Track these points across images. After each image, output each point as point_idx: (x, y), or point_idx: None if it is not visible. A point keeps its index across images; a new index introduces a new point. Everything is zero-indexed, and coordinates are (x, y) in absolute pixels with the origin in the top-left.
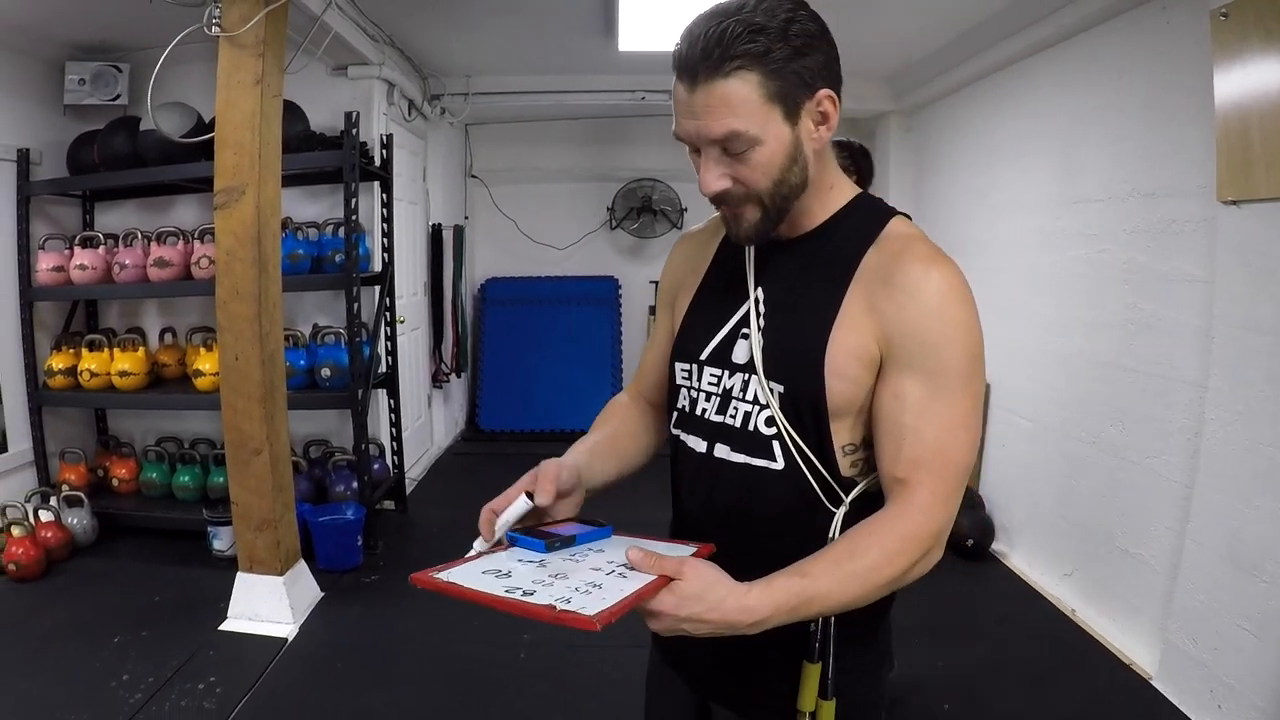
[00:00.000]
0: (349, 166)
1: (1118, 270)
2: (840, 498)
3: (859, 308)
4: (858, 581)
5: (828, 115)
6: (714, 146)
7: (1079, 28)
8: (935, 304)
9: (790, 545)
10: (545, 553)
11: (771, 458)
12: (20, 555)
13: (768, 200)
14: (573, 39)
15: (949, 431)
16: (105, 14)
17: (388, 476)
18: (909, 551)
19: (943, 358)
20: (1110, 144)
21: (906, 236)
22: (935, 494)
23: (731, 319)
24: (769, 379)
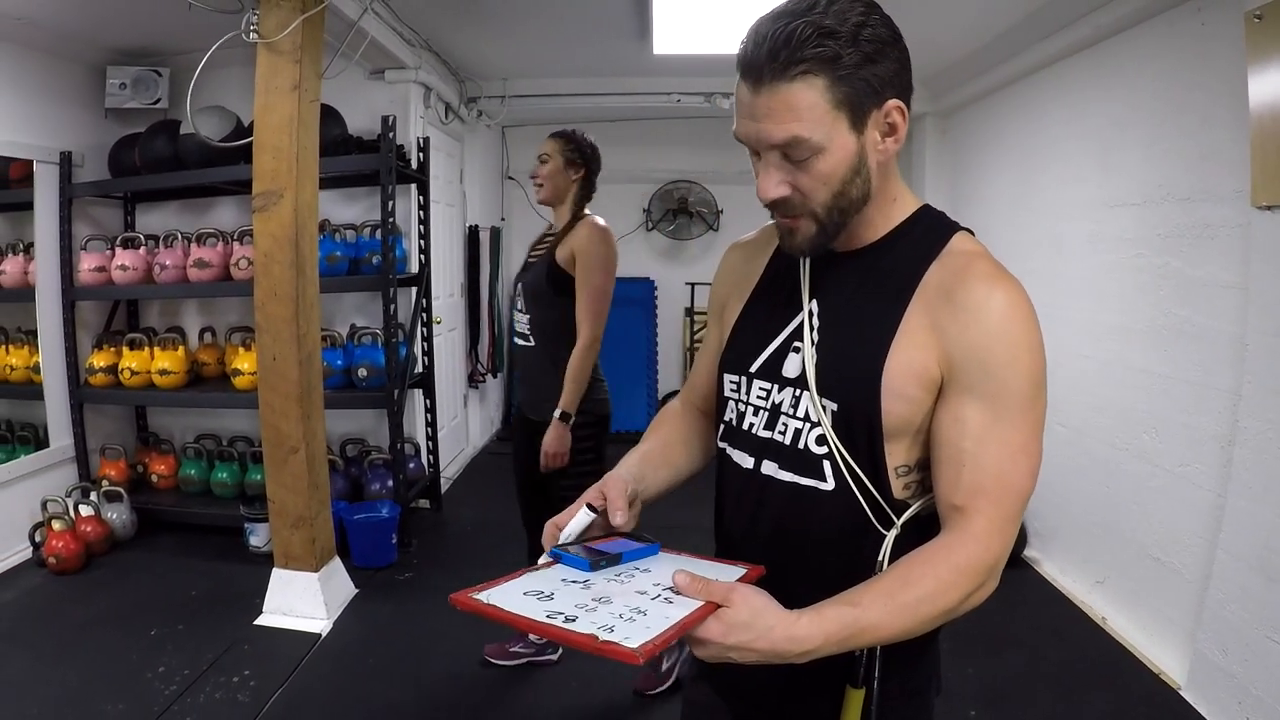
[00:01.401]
0: (386, 169)
1: (1152, 275)
2: (891, 520)
3: (920, 325)
4: (909, 613)
5: (896, 127)
6: (774, 151)
7: (1114, 29)
8: (999, 325)
9: (838, 568)
10: (590, 571)
11: (821, 477)
12: (61, 549)
13: (824, 214)
14: (608, 42)
15: (1010, 458)
16: (145, 20)
17: (423, 475)
18: (963, 584)
19: (1006, 381)
20: (1145, 147)
21: (970, 253)
22: (993, 523)
23: (783, 332)
24: (822, 395)
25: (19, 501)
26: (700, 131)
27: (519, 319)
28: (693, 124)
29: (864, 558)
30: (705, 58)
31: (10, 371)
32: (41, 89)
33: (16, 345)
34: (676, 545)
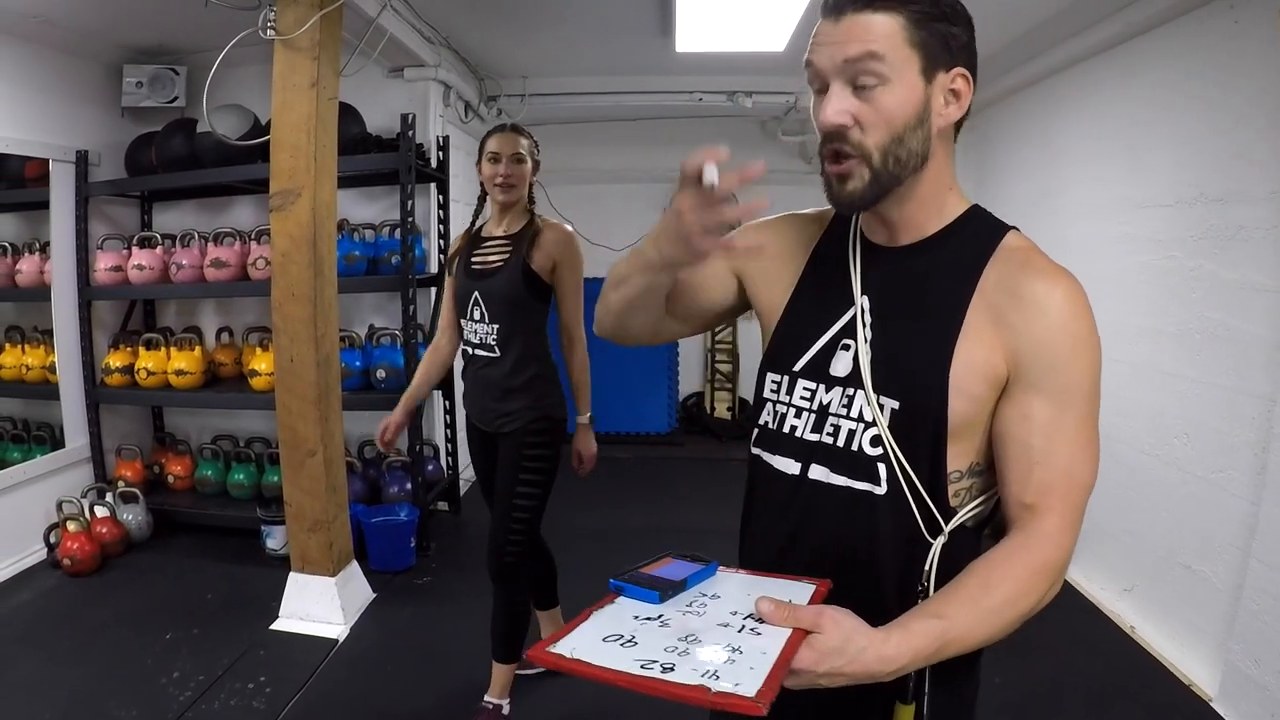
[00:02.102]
0: (405, 168)
1: (1184, 277)
2: (940, 528)
3: (983, 322)
4: (993, 619)
5: (960, 95)
6: (843, 76)
7: (1144, 27)
8: (1063, 319)
9: (884, 578)
10: (659, 603)
11: (875, 481)
12: (76, 550)
13: (879, 158)
14: (630, 40)
15: (1077, 453)
16: (162, 18)
17: (441, 478)
18: (1041, 584)
19: (1071, 376)
20: (1176, 147)
21: (1026, 249)
22: (1064, 519)
23: (831, 328)
24: (879, 394)
25: (34, 502)
26: (722, 131)
27: (476, 330)
28: (715, 123)
29: (912, 567)
30: (728, 55)
31: (26, 371)
32: (58, 88)
33: (33, 345)
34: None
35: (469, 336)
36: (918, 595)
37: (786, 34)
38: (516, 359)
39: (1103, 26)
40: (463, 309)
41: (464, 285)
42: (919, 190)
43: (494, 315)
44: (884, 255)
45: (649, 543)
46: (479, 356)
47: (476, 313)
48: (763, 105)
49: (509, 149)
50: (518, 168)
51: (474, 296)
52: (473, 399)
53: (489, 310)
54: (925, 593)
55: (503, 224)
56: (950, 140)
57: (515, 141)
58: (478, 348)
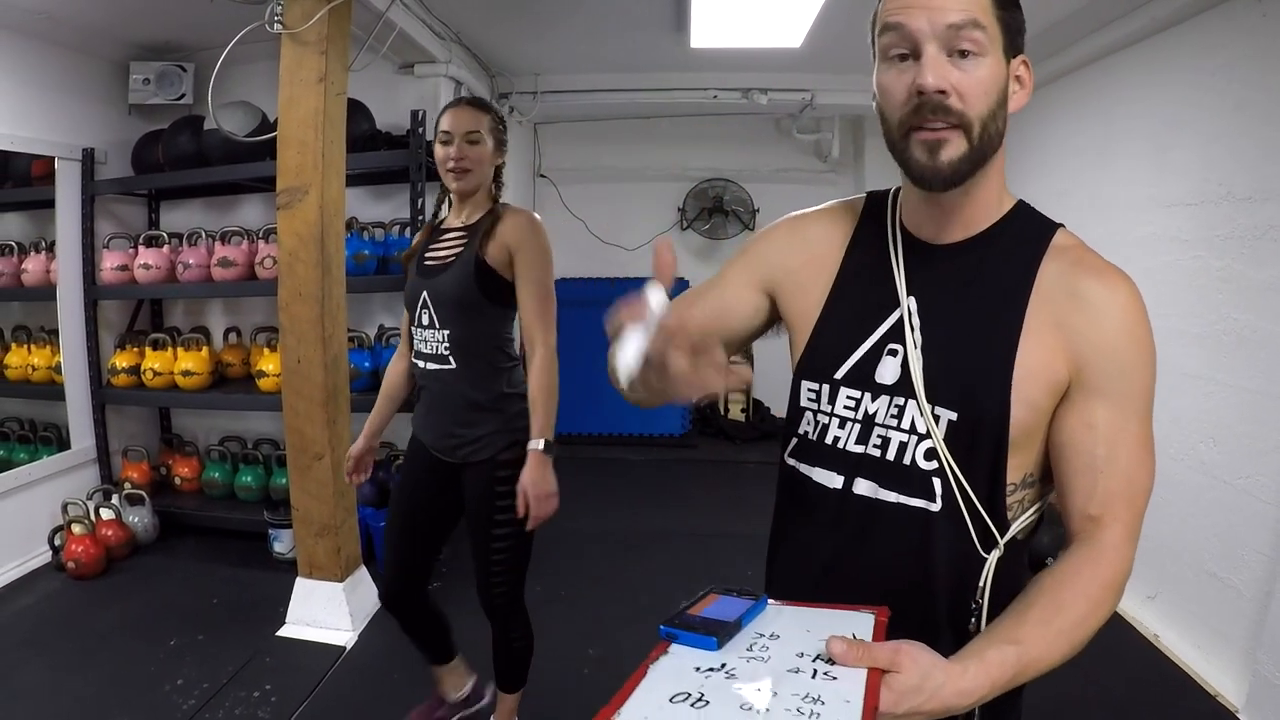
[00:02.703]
0: (415, 166)
1: (1211, 278)
2: (995, 542)
3: (1043, 325)
4: (1066, 639)
5: (1023, 82)
6: (942, 41)
7: (1168, 22)
8: (1125, 320)
9: (937, 596)
10: (717, 649)
11: (930, 498)
12: (80, 553)
13: (979, 129)
14: (644, 36)
15: (1138, 460)
16: (169, 14)
17: None
18: (1111, 599)
19: (1133, 379)
20: (1202, 145)
21: (1078, 247)
22: (1128, 528)
23: (875, 332)
24: (934, 403)
25: (40, 503)
26: (737, 128)
27: (427, 337)
28: (729, 121)
29: (965, 583)
30: (744, 51)
31: (32, 371)
32: (64, 85)
33: (38, 345)
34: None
35: (419, 346)
36: (971, 613)
37: (803, 30)
38: (478, 372)
39: (1125, 21)
40: (412, 313)
41: (413, 284)
42: (989, 174)
43: (444, 319)
44: (930, 253)
45: (665, 548)
46: (432, 371)
47: (425, 316)
48: (778, 103)
49: (462, 126)
50: (473, 149)
51: (422, 297)
52: (427, 421)
53: (438, 313)
54: (979, 610)
55: (462, 214)
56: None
57: (471, 118)
58: (430, 359)
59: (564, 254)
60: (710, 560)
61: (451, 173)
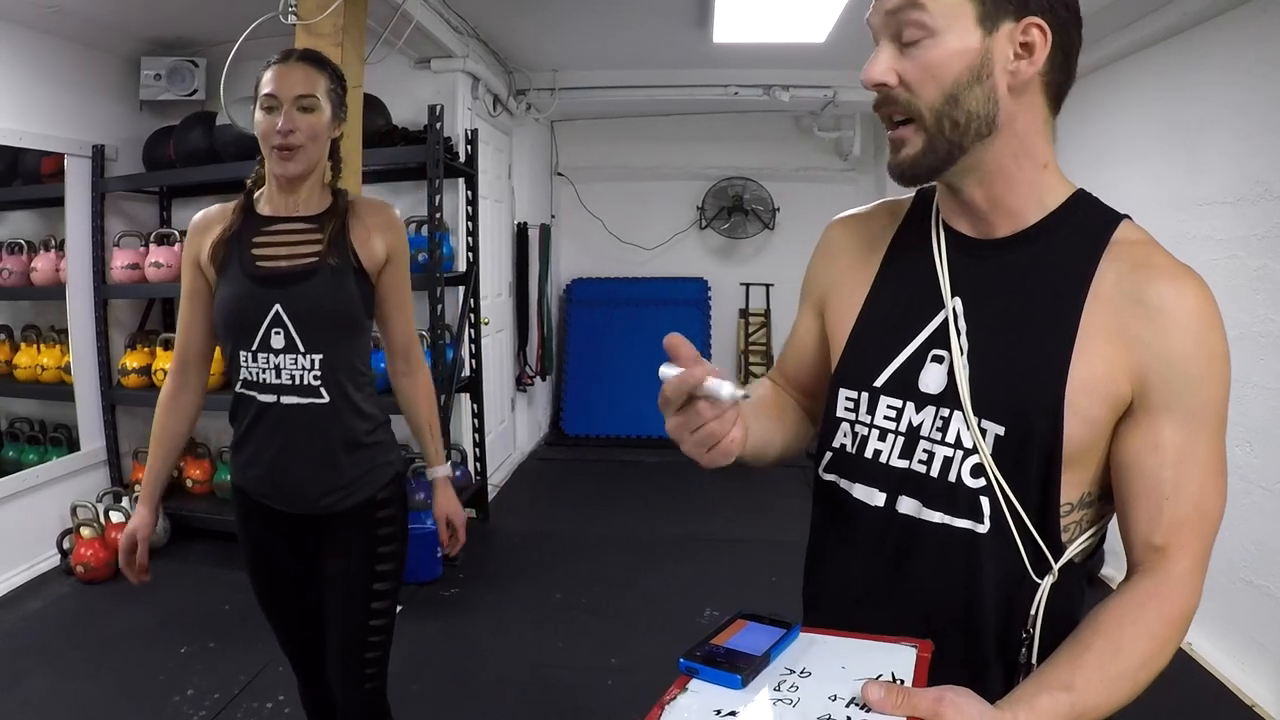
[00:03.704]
0: (433, 162)
1: (1247, 278)
2: (1048, 566)
3: (1101, 331)
4: (1127, 684)
5: (1032, 47)
6: (888, 31)
7: (1203, 16)
8: (1197, 330)
9: (985, 625)
10: (742, 688)
11: (978, 518)
12: (90, 557)
13: (931, 119)
14: (665, 31)
15: (1208, 483)
16: (180, 8)
17: (470, 484)
18: (1176, 637)
19: (1204, 395)
20: (1238, 142)
21: (1145, 244)
22: (1196, 558)
23: (918, 336)
24: (980, 416)
25: (49, 506)
26: (757, 126)
27: (280, 364)
28: (750, 118)
29: (1015, 611)
30: (767, 46)
31: (41, 371)
32: (73, 80)
33: (48, 344)
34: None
35: (258, 375)
36: (1021, 643)
37: (829, 24)
38: (355, 402)
39: (1158, 16)
40: (244, 332)
41: (246, 294)
42: (998, 163)
43: (313, 340)
44: (976, 249)
45: (686, 554)
46: (289, 407)
47: (279, 338)
48: (800, 99)
49: (292, 89)
50: (306, 119)
51: (272, 312)
52: (274, 472)
53: (303, 333)
54: (1030, 640)
55: (295, 200)
56: (1039, 107)
57: (304, 77)
58: (284, 391)
59: (581, 253)
60: (732, 567)
61: (278, 150)
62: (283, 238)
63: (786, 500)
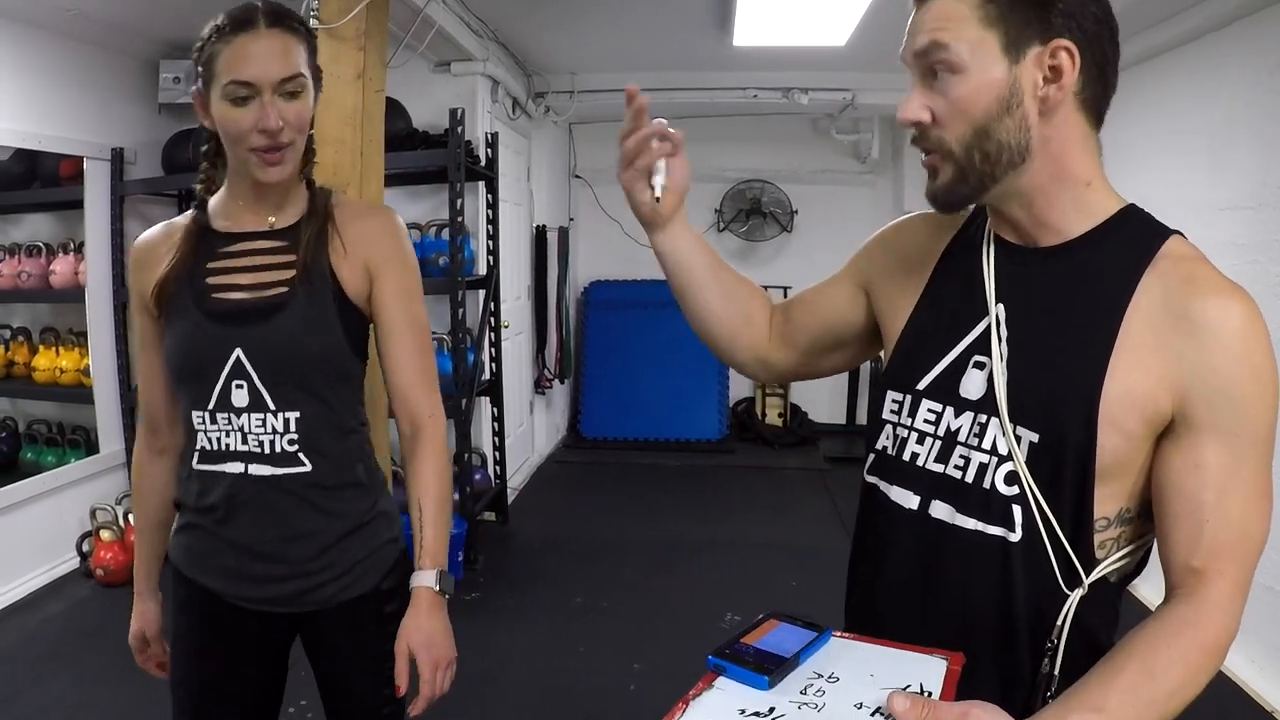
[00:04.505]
0: (454, 166)
1: (1269, 284)
2: (1079, 578)
3: (1142, 345)
4: (1159, 709)
5: (1061, 71)
6: (918, 69)
7: (1226, 19)
8: (1242, 348)
9: (1018, 634)
10: (768, 690)
11: (1010, 526)
12: (109, 560)
13: (962, 153)
14: (685, 34)
15: (1252, 507)
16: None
17: (489, 487)
18: (1211, 664)
19: (1250, 416)
20: (1260, 147)
21: (1192, 259)
22: (1236, 584)
23: (962, 342)
24: (1016, 423)
25: (68, 508)
26: (775, 129)
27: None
28: (768, 121)
29: (1043, 621)
30: (787, 50)
31: (60, 374)
32: (92, 83)
33: (67, 347)
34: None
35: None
36: (1045, 653)
37: (850, 27)
38: (345, 469)
39: (1181, 19)
40: (198, 385)
41: (200, 335)
42: (1036, 185)
43: (284, 395)
44: (1022, 257)
45: (707, 557)
46: (257, 480)
47: (240, 392)
48: (819, 103)
49: (273, 70)
50: (293, 107)
51: (233, 357)
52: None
53: (271, 385)
54: (1054, 651)
55: (266, 209)
56: (1076, 125)
57: (284, 49)
58: (253, 460)
59: (599, 256)
60: (752, 570)
61: (263, 154)
62: (247, 260)
63: (806, 503)
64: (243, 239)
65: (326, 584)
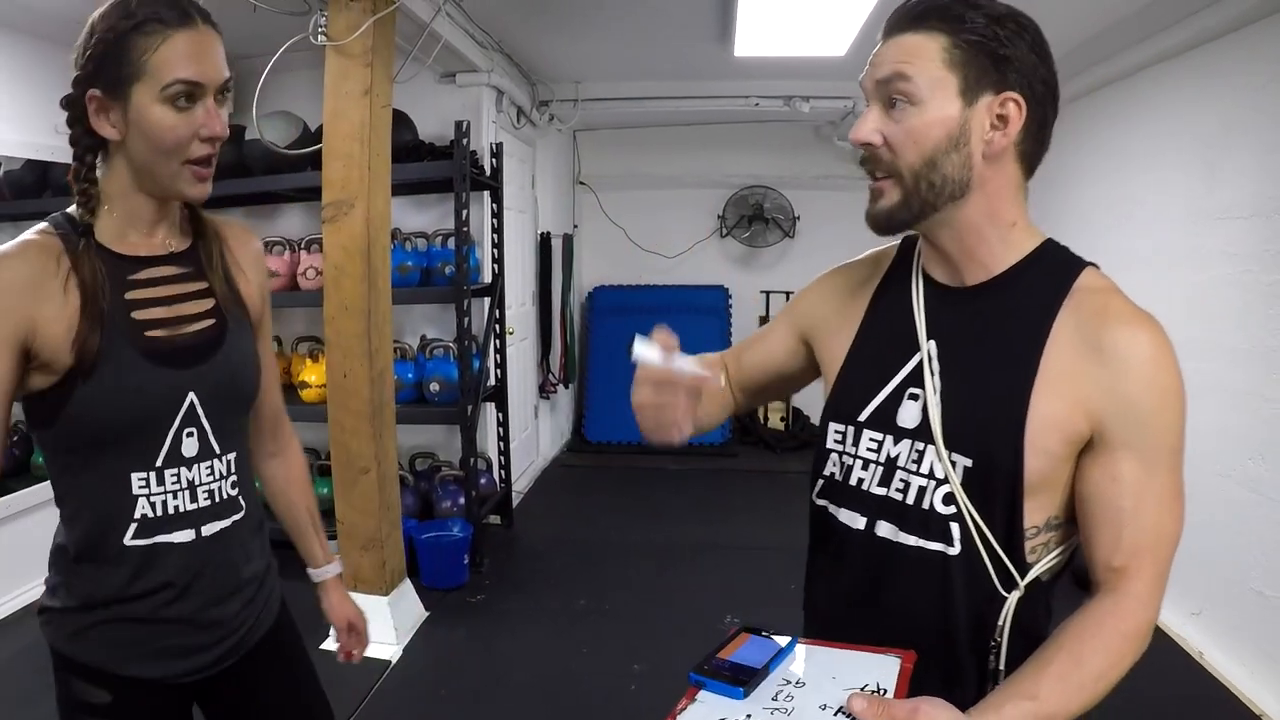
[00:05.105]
0: (460, 177)
1: (1261, 294)
2: (1015, 583)
3: (1060, 374)
4: (1085, 693)
5: (1008, 120)
6: (877, 96)
7: (1220, 31)
8: (1150, 373)
9: (958, 636)
10: (743, 699)
11: (949, 542)
12: None
13: (910, 179)
14: (687, 45)
15: (1166, 510)
16: None
17: (495, 491)
18: (1132, 651)
19: (1160, 431)
20: (1255, 157)
21: (1103, 290)
22: (1153, 580)
23: (896, 376)
24: (951, 450)
25: None
26: (778, 136)
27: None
28: (770, 128)
29: (985, 623)
30: (787, 60)
31: None
32: None
33: None
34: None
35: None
36: (989, 651)
37: (849, 38)
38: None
39: (1176, 30)
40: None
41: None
42: (969, 220)
43: (226, 434)
44: (950, 296)
45: (709, 560)
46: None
47: (190, 441)
48: (820, 110)
49: (216, 70)
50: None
51: (186, 404)
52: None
53: (219, 427)
54: (998, 649)
55: (158, 232)
56: (1011, 173)
57: (218, 49)
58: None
59: (603, 261)
60: (752, 573)
61: (196, 166)
62: (160, 290)
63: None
64: (147, 265)
65: (254, 628)
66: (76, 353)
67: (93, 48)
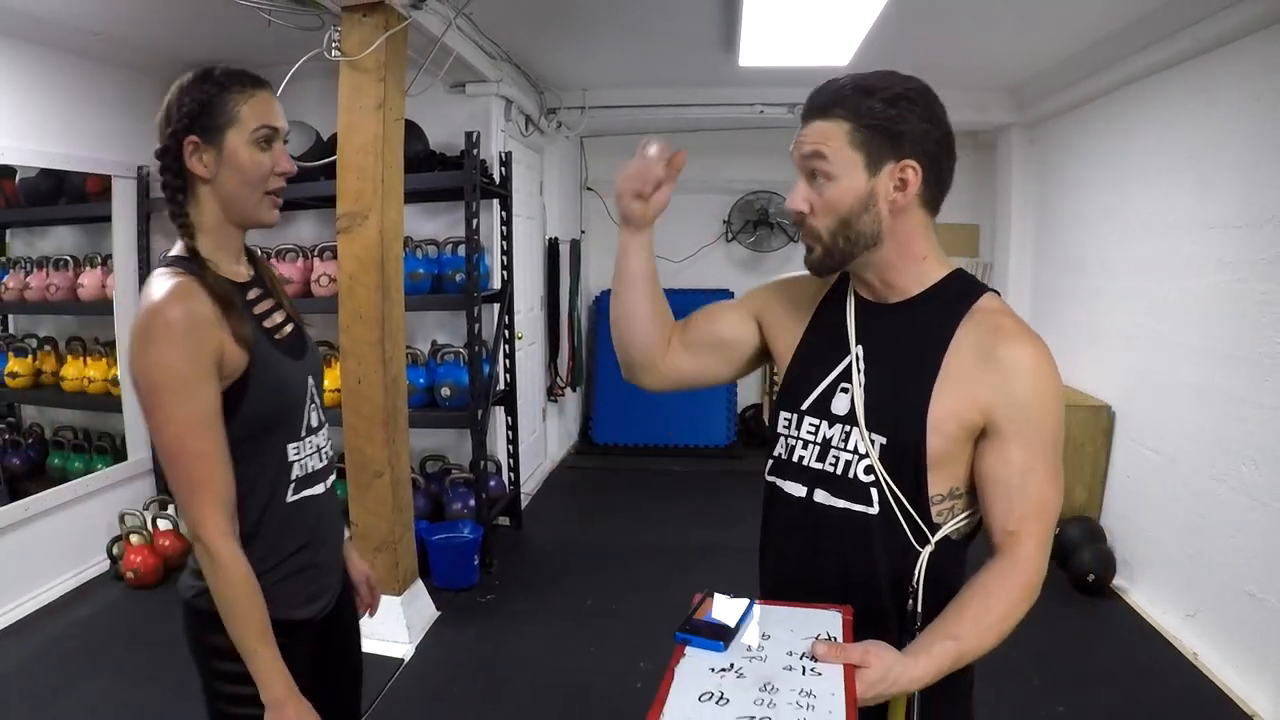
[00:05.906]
0: (470, 187)
1: (1254, 302)
2: (927, 540)
3: (958, 375)
4: (994, 632)
5: (907, 183)
6: (803, 170)
7: (1215, 43)
8: (1034, 379)
9: (881, 584)
10: (724, 651)
11: (869, 503)
12: (139, 563)
13: (828, 238)
14: (692, 54)
15: (1048, 487)
16: (224, 35)
17: (504, 493)
18: (1028, 597)
19: (1042, 425)
20: (1247, 168)
21: (997, 311)
22: (1039, 541)
23: (831, 373)
24: (871, 430)
25: (98, 514)
26: (782, 141)
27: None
28: (774, 134)
29: (904, 572)
30: (791, 70)
31: (89, 384)
32: (119, 104)
33: (94, 357)
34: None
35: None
36: (908, 597)
37: (852, 48)
38: None
39: (1171, 42)
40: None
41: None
42: (885, 259)
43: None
44: (875, 310)
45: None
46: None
47: (314, 415)
48: None
49: (284, 123)
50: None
51: (310, 385)
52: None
53: (320, 404)
54: (915, 595)
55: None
56: (917, 218)
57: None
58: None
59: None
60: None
61: (274, 196)
62: (262, 305)
63: None
64: (247, 288)
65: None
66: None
67: (188, 105)
